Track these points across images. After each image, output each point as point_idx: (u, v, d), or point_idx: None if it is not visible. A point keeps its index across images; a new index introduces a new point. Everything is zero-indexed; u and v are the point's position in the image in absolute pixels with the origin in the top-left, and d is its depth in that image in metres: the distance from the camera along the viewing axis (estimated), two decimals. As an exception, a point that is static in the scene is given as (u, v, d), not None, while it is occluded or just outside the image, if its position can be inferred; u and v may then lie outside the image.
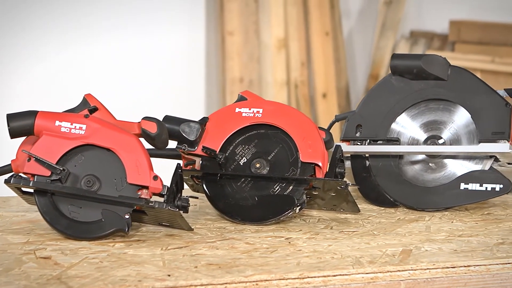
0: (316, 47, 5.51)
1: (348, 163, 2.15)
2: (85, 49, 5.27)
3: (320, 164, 1.94)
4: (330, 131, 2.02)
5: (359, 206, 2.05)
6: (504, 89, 2.11)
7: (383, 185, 2.10)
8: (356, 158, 2.14)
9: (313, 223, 1.97)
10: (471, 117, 2.08)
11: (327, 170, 1.94)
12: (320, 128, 2.02)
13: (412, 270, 1.68)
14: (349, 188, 1.92)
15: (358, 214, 2.04)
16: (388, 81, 2.14)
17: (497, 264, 1.73)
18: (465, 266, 1.71)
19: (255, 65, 5.37)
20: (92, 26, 5.25)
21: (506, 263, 1.73)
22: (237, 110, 2.00)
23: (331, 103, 5.63)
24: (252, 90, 5.35)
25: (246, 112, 1.99)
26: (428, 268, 1.69)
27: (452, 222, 2.00)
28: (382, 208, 2.11)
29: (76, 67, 5.25)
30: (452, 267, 1.70)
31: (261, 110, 1.99)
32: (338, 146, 1.97)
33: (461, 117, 2.10)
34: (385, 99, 2.13)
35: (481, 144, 2.04)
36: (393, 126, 2.13)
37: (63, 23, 5.21)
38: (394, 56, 2.12)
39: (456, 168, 2.09)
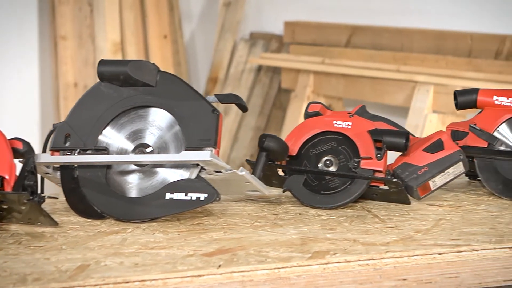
0: (154, 51, 5.43)
1: (58, 174, 2.08)
2: None
3: (6, 176, 1.86)
4: None
5: (68, 218, 1.98)
6: (215, 95, 2.06)
7: (90, 196, 2.02)
8: (65, 168, 2.05)
9: (4, 238, 1.88)
10: (179, 124, 2.02)
11: (16, 183, 1.87)
12: (18, 139, 1.95)
13: (79, 286, 1.62)
14: None
15: (59, 227, 1.96)
16: (97, 88, 2.06)
17: (174, 278, 1.68)
18: (139, 281, 1.66)
19: (90, 70, 5.27)
20: None
21: (184, 277, 1.69)
22: None
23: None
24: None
25: None
26: (97, 284, 1.63)
27: (154, 233, 1.93)
28: (89, 220, 2.03)
29: None
30: (125, 282, 1.65)
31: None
32: (29, 158, 1.90)
33: (169, 125, 2.04)
34: (94, 107, 2.05)
35: (182, 152, 1.98)
36: (102, 136, 2.05)
37: None
38: (101, 62, 2.05)
39: (169, 176, 2.02)
